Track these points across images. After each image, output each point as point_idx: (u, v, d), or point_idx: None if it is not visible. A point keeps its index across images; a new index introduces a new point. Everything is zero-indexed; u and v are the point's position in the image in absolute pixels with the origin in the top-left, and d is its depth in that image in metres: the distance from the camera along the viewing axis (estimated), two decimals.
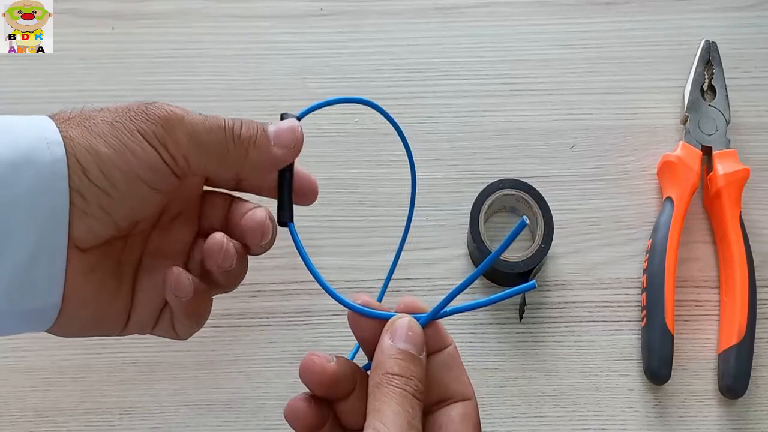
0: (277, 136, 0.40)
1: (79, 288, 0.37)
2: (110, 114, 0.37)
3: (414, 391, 0.35)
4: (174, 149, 0.37)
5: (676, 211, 0.52)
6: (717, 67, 0.56)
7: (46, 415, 0.50)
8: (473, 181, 0.54)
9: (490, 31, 0.59)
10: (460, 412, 0.36)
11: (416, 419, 0.34)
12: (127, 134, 0.36)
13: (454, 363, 0.38)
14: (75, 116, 0.37)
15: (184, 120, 0.38)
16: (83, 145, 0.36)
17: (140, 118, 0.37)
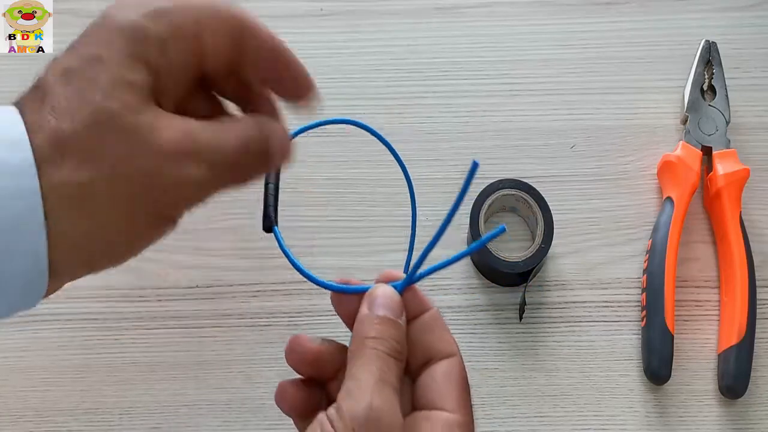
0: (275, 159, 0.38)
1: None
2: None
3: (389, 350, 0.35)
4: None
5: (676, 211, 0.52)
6: (717, 67, 0.56)
7: (46, 415, 0.50)
8: (473, 181, 0.54)
9: (490, 31, 0.59)
10: (443, 370, 0.36)
11: (390, 375, 0.34)
12: (151, 225, 0.35)
13: (436, 324, 0.38)
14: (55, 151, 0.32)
15: (209, 183, 0.35)
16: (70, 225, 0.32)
17: (165, 202, 0.34)
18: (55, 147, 0.32)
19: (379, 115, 0.57)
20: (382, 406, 0.33)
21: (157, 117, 0.34)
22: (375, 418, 0.33)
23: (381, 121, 0.57)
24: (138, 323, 0.52)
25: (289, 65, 0.39)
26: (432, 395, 0.36)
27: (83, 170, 0.32)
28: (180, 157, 0.34)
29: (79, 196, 0.32)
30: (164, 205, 0.34)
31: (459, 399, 0.36)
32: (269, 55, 0.38)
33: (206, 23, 0.36)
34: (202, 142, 0.35)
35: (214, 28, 0.36)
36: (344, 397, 0.34)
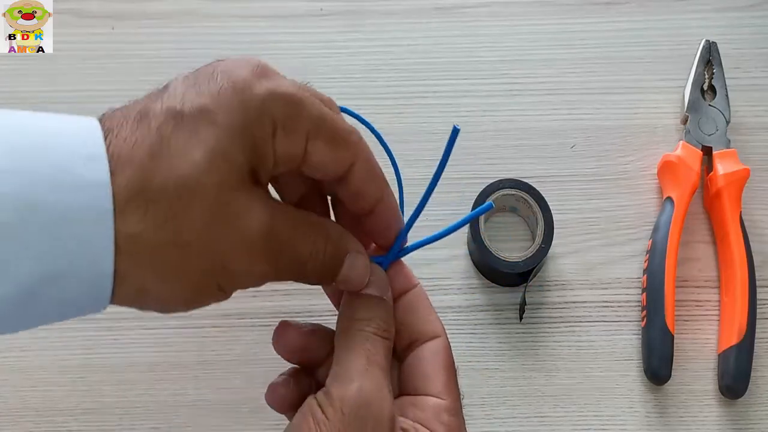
0: (346, 281, 0.37)
1: None
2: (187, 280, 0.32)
3: (376, 330, 0.35)
4: None
5: (676, 211, 0.52)
6: (717, 67, 0.56)
7: (46, 415, 0.50)
8: (473, 181, 0.54)
9: (490, 31, 0.59)
10: (429, 352, 0.36)
11: (378, 355, 0.34)
12: (209, 293, 0.34)
13: (420, 304, 0.38)
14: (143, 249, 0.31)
15: (272, 278, 0.35)
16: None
17: (228, 280, 0.33)
18: (140, 193, 0.30)
19: (379, 115, 0.57)
20: (371, 388, 0.33)
21: (247, 200, 0.33)
22: (365, 402, 0.33)
23: (381, 121, 0.57)
24: (138, 323, 0.52)
25: (385, 216, 0.39)
26: (419, 380, 0.36)
27: (162, 230, 0.31)
28: (254, 250, 0.33)
29: (151, 252, 0.31)
30: (226, 281, 0.34)
31: (446, 383, 0.36)
32: (371, 196, 0.38)
33: (323, 133, 0.35)
34: (279, 242, 0.34)
35: (328, 142, 0.35)
36: (333, 380, 0.34)
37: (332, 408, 0.32)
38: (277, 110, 0.33)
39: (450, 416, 0.35)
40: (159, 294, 0.33)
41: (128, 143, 0.31)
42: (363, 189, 0.37)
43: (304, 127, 0.34)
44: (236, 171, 0.32)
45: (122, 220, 0.30)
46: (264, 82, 0.33)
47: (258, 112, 0.32)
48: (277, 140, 0.33)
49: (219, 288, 0.34)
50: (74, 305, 0.32)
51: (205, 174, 0.31)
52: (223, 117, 0.32)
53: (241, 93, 0.33)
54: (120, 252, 0.30)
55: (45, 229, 0.29)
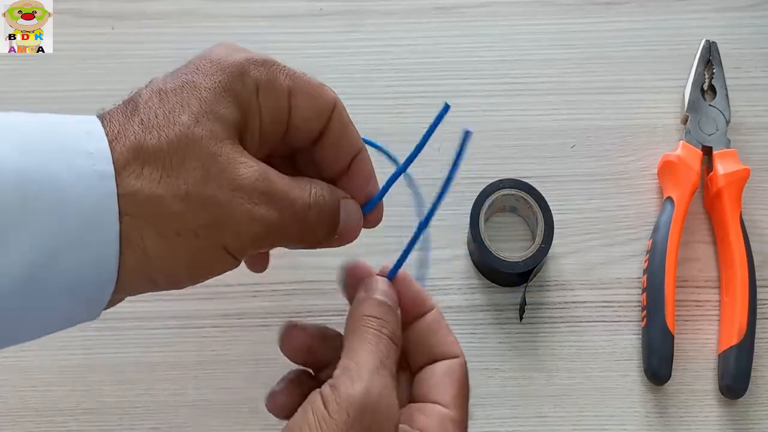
0: (344, 231, 0.39)
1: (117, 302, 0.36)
2: (188, 221, 0.33)
3: (389, 334, 0.35)
4: (253, 254, 0.36)
5: (677, 211, 0.52)
6: (717, 67, 0.56)
7: (46, 415, 0.50)
8: (473, 181, 0.54)
9: (490, 31, 0.59)
10: (444, 367, 0.37)
11: (389, 360, 0.34)
12: (213, 257, 0.34)
13: (439, 326, 0.38)
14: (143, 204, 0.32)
15: (275, 229, 0.35)
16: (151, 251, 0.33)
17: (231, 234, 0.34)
18: (136, 156, 0.32)
19: (379, 115, 0.57)
20: (380, 390, 0.33)
21: (237, 152, 0.34)
22: (372, 403, 0.32)
23: (381, 121, 0.57)
24: (138, 323, 0.52)
25: (363, 170, 0.40)
26: (429, 388, 0.36)
27: (159, 185, 0.32)
28: (253, 195, 0.34)
29: (151, 209, 0.32)
30: (230, 237, 0.34)
31: (456, 396, 0.36)
32: (348, 148, 0.40)
33: (301, 87, 0.37)
34: (276, 187, 0.35)
35: (307, 94, 0.38)
36: (341, 375, 0.33)
37: (337, 405, 0.32)
38: (256, 71, 0.36)
39: (454, 427, 0.35)
40: (162, 258, 0.33)
41: (121, 122, 0.33)
42: (342, 139, 0.39)
43: (285, 84, 0.37)
44: (224, 125, 0.34)
45: (120, 182, 0.32)
46: (239, 53, 0.36)
47: (238, 73, 0.35)
48: (261, 98, 0.36)
49: (224, 248, 0.34)
50: (80, 283, 0.32)
51: (195, 129, 0.33)
52: (205, 82, 0.35)
53: (219, 62, 0.35)
54: (121, 213, 0.31)
55: (46, 201, 0.30)
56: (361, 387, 0.32)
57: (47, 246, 0.30)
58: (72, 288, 0.32)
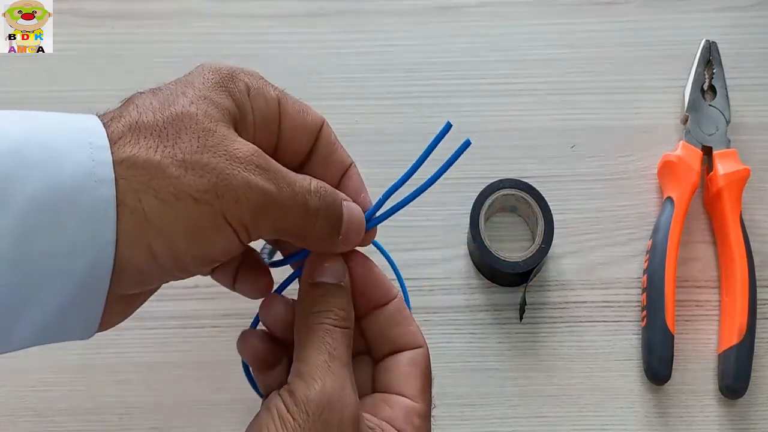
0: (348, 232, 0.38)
1: (120, 314, 0.36)
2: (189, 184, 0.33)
3: (334, 322, 0.35)
4: (255, 235, 0.35)
5: (677, 211, 0.52)
6: (717, 67, 0.56)
7: (46, 415, 0.50)
8: (473, 181, 0.54)
9: (490, 31, 0.59)
10: (408, 358, 0.37)
11: (339, 349, 0.34)
12: (212, 225, 0.33)
13: (401, 316, 0.38)
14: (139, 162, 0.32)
15: (274, 204, 0.34)
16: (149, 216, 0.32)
17: (230, 201, 0.33)
18: (131, 130, 0.33)
19: (379, 115, 0.57)
20: (334, 386, 0.33)
21: (232, 133, 0.35)
22: (328, 401, 0.33)
23: (381, 121, 0.57)
24: (138, 323, 0.52)
25: (352, 185, 0.40)
26: (393, 379, 0.36)
27: (156, 152, 0.32)
28: (251, 166, 0.34)
29: (148, 173, 0.32)
30: (229, 204, 0.33)
31: (421, 388, 0.36)
32: (338, 165, 0.40)
33: (290, 100, 0.38)
34: (273, 164, 0.35)
35: (296, 107, 0.38)
36: (295, 378, 0.34)
37: (297, 408, 0.33)
38: (246, 78, 0.37)
39: (421, 421, 0.36)
40: (162, 222, 0.32)
41: (116, 111, 0.34)
42: (331, 155, 0.40)
43: (274, 94, 0.38)
44: (219, 109, 0.35)
45: (115, 150, 0.32)
46: (230, 64, 0.37)
47: (230, 75, 0.36)
48: (252, 100, 0.36)
49: (224, 217, 0.33)
50: (76, 249, 0.31)
51: (190, 108, 0.34)
52: (199, 79, 0.35)
53: (210, 67, 0.36)
54: (117, 178, 0.31)
55: (41, 166, 0.30)
56: (316, 387, 0.33)
57: (41, 209, 0.30)
58: (66, 260, 0.31)
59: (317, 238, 0.37)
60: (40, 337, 0.33)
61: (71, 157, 0.31)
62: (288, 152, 0.39)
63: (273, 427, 0.33)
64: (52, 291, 0.31)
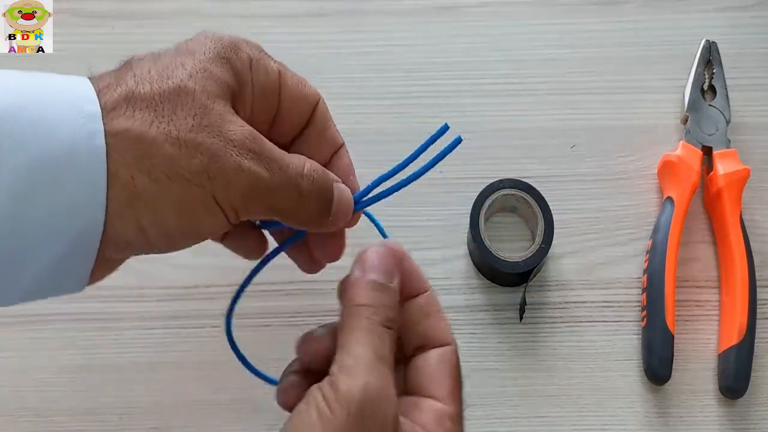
0: (337, 214, 0.39)
1: (108, 270, 0.36)
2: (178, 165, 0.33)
3: (382, 320, 0.34)
4: (244, 215, 0.35)
5: (677, 211, 0.52)
6: (717, 67, 0.56)
7: (46, 415, 0.50)
8: (473, 181, 0.54)
9: (490, 31, 0.59)
10: (437, 357, 0.36)
11: (385, 350, 0.34)
12: (202, 206, 0.34)
13: (432, 309, 0.37)
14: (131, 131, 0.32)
15: (265, 188, 0.35)
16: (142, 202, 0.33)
17: (221, 184, 0.34)
18: (126, 100, 0.33)
19: (379, 115, 0.57)
20: (378, 385, 0.33)
21: (229, 112, 0.35)
22: (372, 400, 0.32)
23: (381, 121, 0.57)
24: (138, 323, 0.52)
25: (342, 165, 0.41)
26: (424, 382, 0.36)
27: (151, 127, 0.32)
28: (243, 150, 0.34)
29: (141, 149, 0.32)
30: (220, 187, 0.34)
31: (452, 389, 0.36)
32: (330, 143, 0.41)
33: (290, 74, 0.39)
34: (267, 148, 0.35)
35: (295, 79, 0.39)
36: (339, 372, 0.33)
37: (338, 404, 0.32)
38: (249, 49, 0.37)
39: (453, 424, 0.35)
40: (153, 198, 0.32)
41: (112, 77, 0.34)
42: (325, 131, 0.40)
43: (275, 66, 0.38)
44: (218, 84, 0.35)
45: (109, 121, 0.32)
46: (232, 35, 0.37)
47: (233, 47, 0.36)
48: (253, 72, 0.37)
49: (214, 198, 0.34)
50: (69, 211, 0.32)
51: (188, 82, 0.34)
52: (200, 48, 0.35)
53: (213, 36, 0.36)
54: (110, 151, 0.31)
55: (33, 134, 0.31)
56: (360, 384, 0.32)
57: (30, 178, 0.31)
58: (57, 227, 0.32)
59: (307, 218, 0.37)
60: (36, 293, 0.34)
61: (63, 126, 0.31)
62: (285, 124, 0.39)
63: (310, 419, 0.32)
64: (47, 250, 0.32)
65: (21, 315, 0.52)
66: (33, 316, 0.52)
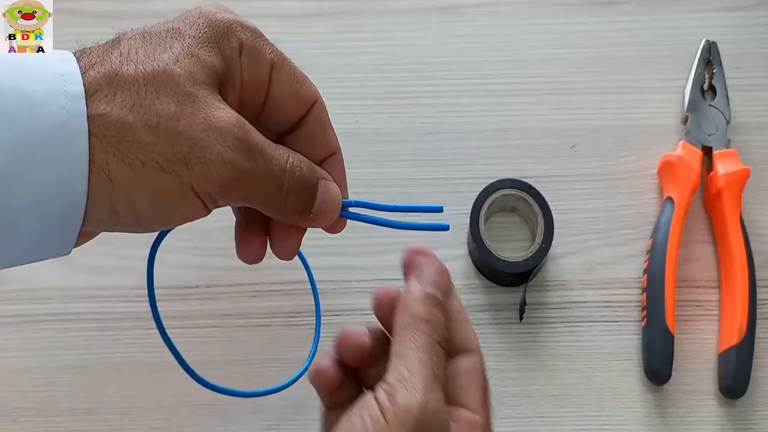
0: (320, 212, 0.38)
1: (92, 236, 0.37)
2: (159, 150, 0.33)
3: (440, 339, 0.34)
4: (222, 203, 0.35)
5: (677, 211, 0.52)
6: (717, 66, 0.56)
7: (46, 415, 0.50)
8: (473, 181, 0.54)
9: (490, 31, 0.59)
10: (466, 366, 0.36)
11: (440, 369, 0.34)
12: (178, 195, 0.33)
13: (459, 316, 0.37)
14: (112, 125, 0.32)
15: (245, 179, 0.34)
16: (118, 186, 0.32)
17: (199, 173, 0.33)
18: (109, 82, 0.32)
19: (379, 115, 0.57)
20: (435, 405, 0.32)
21: (215, 98, 0.34)
22: (428, 419, 0.32)
23: (381, 121, 0.57)
24: (138, 323, 0.52)
25: (334, 172, 0.40)
26: (456, 391, 0.35)
27: (131, 112, 0.32)
28: (227, 138, 0.33)
29: (118, 134, 0.32)
30: (198, 177, 0.33)
31: (481, 399, 0.35)
32: (324, 147, 0.40)
33: (285, 67, 0.37)
34: (252, 138, 0.34)
35: (290, 75, 0.38)
36: (397, 383, 0.32)
37: (396, 416, 0.31)
38: (243, 34, 0.36)
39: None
40: (124, 185, 0.32)
41: (99, 54, 0.33)
42: (319, 135, 0.39)
43: (268, 56, 0.37)
44: (204, 70, 0.34)
45: (91, 103, 0.32)
46: (229, 14, 0.36)
47: (225, 30, 0.35)
48: (243, 59, 0.36)
49: (191, 188, 0.33)
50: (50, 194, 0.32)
51: (173, 67, 0.33)
52: (191, 30, 0.35)
53: (207, 16, 0.36)
54: (90, 133, 0.31)
55: (16, 114, 0.31)
56: (419, 400, 0.31)
57: (15, 158, 0.31)
58: (41, 204, 0.32)
59: (286, 212, 0.37)
60: (17, 262, 0.34)
61: (48, 105, 0.31)
62: (273, 118, 0.38)
63: (364, 426, 0.31)
64: (30, 225, 0.32)
65: (21, 315, 0.52)
66: (33, 316, 0.52)
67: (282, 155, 0.36)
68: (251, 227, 0.39)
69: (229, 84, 0.36)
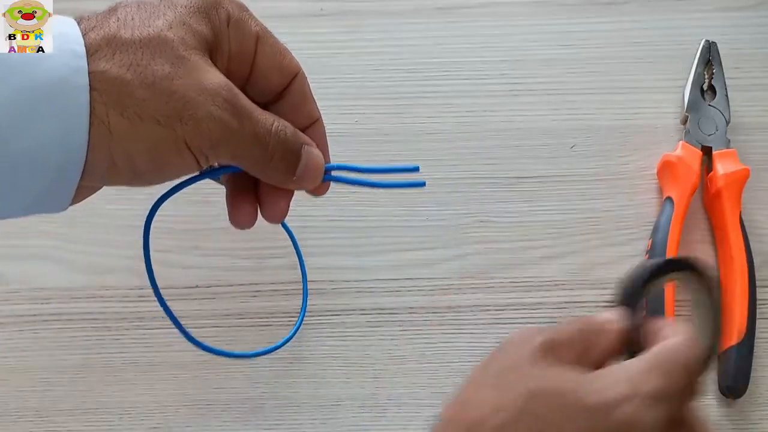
0: (304, 176, 0.40)
1: (90, 191, 0.38)
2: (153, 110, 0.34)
3: None
4: (213, 161, 0.37)
5: (676, 211, 0.52)
6: (717, 67, 0.56)
7: (46, 415, 0.50)
8: (473, 181, 0.54)
9: (490, 31, 0.59)
10: None
11: None
12: (173, 148, 0.35)
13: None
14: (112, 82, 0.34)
15: (233, 137, 0.36)
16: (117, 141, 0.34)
17: (192, 128, 0.35)
18: (108, 44, 0.34)
19: (379, 115, 0.57)
20: None
21: (206, 62, 0.36)
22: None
23: (381, 121, 0.57)
24: (138, 323, 0.52)
25: (315, 139, 0.42)
26: None
27: (128, 71, 0.34)
28: (217, 99, 0.36)
29: (117, 89, 0.34)
30: (191, 132, 0.35)
31: None
32: (306, 114, 0.42)
33: (269, 40, 0.40)
34: (240, 100, 0.37)
35: (273, 47, 0.40)
36: None
37: None
38: (230, 6, 0.38)
39: None
40: (124, 138, 0.34)
41: (97, 19, 0.36)
42: (301, 105, 0.42)
43: (254, 29, 0.39)
44: (196, 36, 0.36)
45: (92, 61, 0.34)
46: None
47: (213, 2, 0.38)
48: (231, 30, 0.38)
49: (184, 142, 0.35)
50: (50, 146, 0.33)
51: (167, 33, 0.35)
52: (183, 1, 0.37)
53: None
54: (90, 88, 0.33)
55: (18, 67, 0.33)
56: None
57: (16, 110, 0.32)
58: (40, 158, 0.33)
59: (271, 173, 0.39)
60: (16, 215, 0.36)
61: (49, 62, 0.33)
62: (258, 88, 0.40)
63: None
64: (30, 179, 0.34)
65: (21, 315, 0.52)
66: (33, 316, 0.52)
67: (267, 119, 0.38)
68: (241, 194, 0.41)
69: (218, 52, 0.38)
